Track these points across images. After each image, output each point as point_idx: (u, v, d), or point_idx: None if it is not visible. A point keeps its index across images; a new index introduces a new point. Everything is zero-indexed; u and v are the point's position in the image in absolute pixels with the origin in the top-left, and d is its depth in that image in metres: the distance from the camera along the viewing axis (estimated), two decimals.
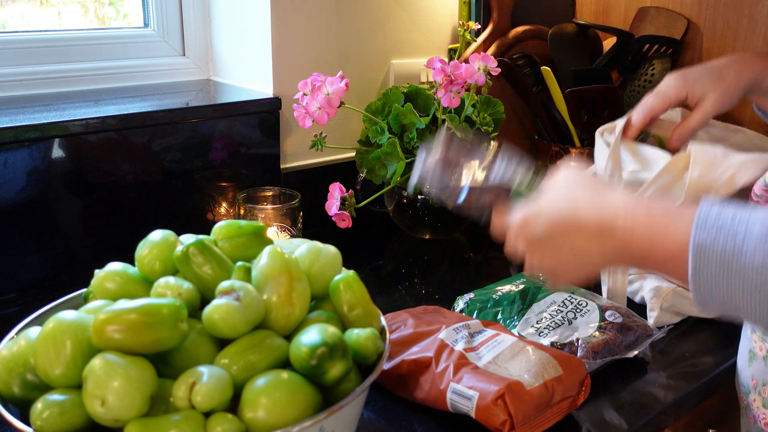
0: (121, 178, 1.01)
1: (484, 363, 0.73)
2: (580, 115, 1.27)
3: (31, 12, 1.15)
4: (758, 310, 0.51)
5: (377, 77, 1.30)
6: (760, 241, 0.50)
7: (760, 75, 0.89)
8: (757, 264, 0.50)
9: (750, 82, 0.89)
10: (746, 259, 0.50)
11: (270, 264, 0.61)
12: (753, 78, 0.89)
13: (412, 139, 1.06)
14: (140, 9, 1.24)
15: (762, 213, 0.52)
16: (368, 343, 0.61)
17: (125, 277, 0.64)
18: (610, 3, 1.46)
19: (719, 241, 0.52)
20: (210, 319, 0.56)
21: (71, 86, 1.15)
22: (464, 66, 1.05)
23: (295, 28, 1.17)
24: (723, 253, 0.51)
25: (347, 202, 1.07)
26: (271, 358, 0.57)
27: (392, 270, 1.11)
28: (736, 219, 0.52)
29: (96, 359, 0.51)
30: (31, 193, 0.94)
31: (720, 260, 0.51)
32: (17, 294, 0.96)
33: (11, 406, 0.56)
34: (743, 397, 0.85)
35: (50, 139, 0.94)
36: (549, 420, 0.71)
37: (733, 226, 0.52)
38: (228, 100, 1.11)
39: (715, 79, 0.90)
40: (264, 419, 0.53)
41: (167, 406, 0.54)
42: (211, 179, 1.11)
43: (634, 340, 0.83)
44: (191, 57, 1.28)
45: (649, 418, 0.75)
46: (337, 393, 0.59)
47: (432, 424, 0.72)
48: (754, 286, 0.50)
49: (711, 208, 0.54)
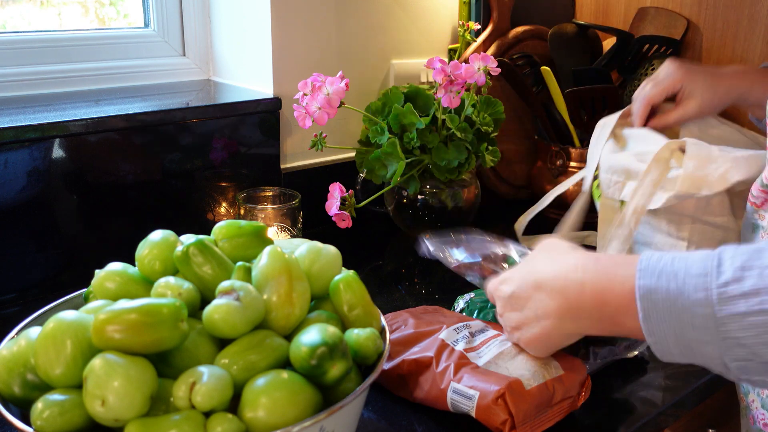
0: (122, 178, 1.01)
1: (484, 363, 0.73)
2: (580, 115, 1.27)
3: (31, 12, 1.15)
4: (710, 348, 0.52)
5: (377, 77, 1.30)
6: (700, 277, 0.51)
7: (749, 89, 0.91)
8: (700, 299, 0.51)
9: (738, 96, 0.92)
10: (689, 295, 0.51)
11: (270, 264, 0.61)
12: (742, 92, 0.92)
13: (412, 139, 1.07)
14: (140, 9, 1.24)
15: (699, 253, 0.53)
16: (368, 343, 0.61)
17: (125, 277, 0.64)
18: (610, 3, 1.46)
19: (662, 283, 0.53)
20: (210, 319, 0.57)
21: (71, 86, 1.15)
22: (464, 66, 1.05)
23: (296, 28, 1.17)
24: (667, 293, 0.53)
25: (347, 202, 1.07)
26: (271, 358, 0.57)
27: (392, 270, 1.11)
28: (676, 260, 0.54)
29: (96, 359, 0.52)
30: (32, 193, 0.94)
31: (665, 300, 0.53)
32: (17, 294, 0.96)
33: (11, 405, 0.56)
34: (743, 397, 0.85)
35: (50, 139, 0.94)
36: (549, 420, 0.71)
37: (673, 267, 0.53)
38: (228, 100, 1.11)
39: (708, 85, 0.92)
40: (264, 419, 0.53)
41: (167, 406, 0.54)
42: (212, 179, 1.11)
43: (634, 339, 0.83)
44: (191, 57, 1.28)
45: (649, 418, 0.75)
46: (337, 393, 0.59)
47: (432, 424, 0.72)
48: (701, 322, 0.51)
49: (652, 255, 0.56)
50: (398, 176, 1.05)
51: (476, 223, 1.30)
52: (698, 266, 0.52)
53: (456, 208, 1.16)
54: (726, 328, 0.50)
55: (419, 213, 1.16)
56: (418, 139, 1.07)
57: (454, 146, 1.09)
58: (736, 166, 0.84)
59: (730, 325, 0.49)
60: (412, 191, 1.12)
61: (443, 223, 1.17)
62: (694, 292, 0.51)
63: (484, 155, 1.13)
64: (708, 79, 0.92)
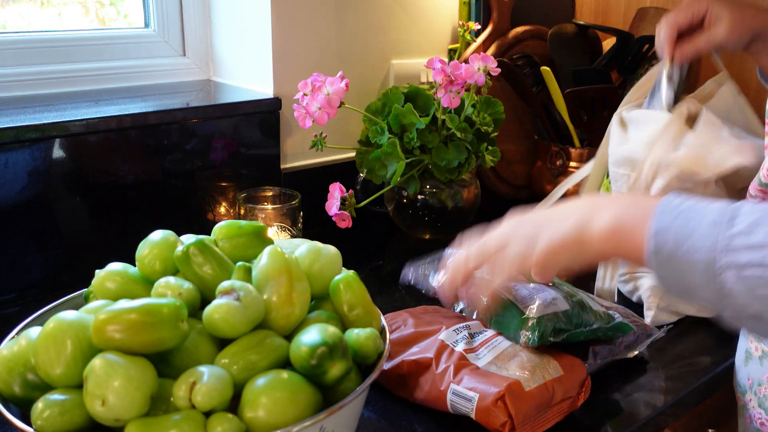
0: (122, 178, 1.02)
1: (484, 363, 0.73)
2: (579, 115, 1.27)
3: (31, 12, 1.15)
4: (707, 294, 0.52)
5: (377, 77, 1.30)
6: (712, 225, 0.51)
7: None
8: (706, 246, 0.51)
9: (762, 26, 0.88)
10: (696, 241, 0.52)
11: (270, 264, 0.61)
12: (765, 23, 0.88)
13: (412, 139, 1.07)
14: (141, 9, 1.24)
15: (720, 203, 0.53)
16: (368, 343, 0.61)
17: (126, 277, 0.64)
18: (610, 3, 1.46)
19: (676, 223, 0.53)
20: (210, 318, 0.57)
21: (72, 86, 1.15)
22: (464, 66, 1.05)
23: (296, 28, 1.17)
24: (678, 234, 0.53)
25: (347, 202, 1.07)
26: (271, 357, 0.57)
27: (392, 270, 1.11)
28: (697, 206, 0.54)
29: (96, 359, 0.52)
30: (32, 193, 0.94)
31: (674, 241, 0.53)
32: (17, 294, 0.96)
33: (12, 405, 0.56)
34: (740, 396, 0.85)
35: (51, 140, 0.94)
36: (549, 420, 0.71)
37: (692, 211, 0.53)
38: (228, 101, 1.11)
39: (735, 8, 0.88)
40: (264, 419, 0.53)
41: (167, 406, 0.54)
42: (212, 179, 1.11)
43: (633, 339, 0.83)
44: (191, 57, 1.28)
45: (649, 418, 0.75)
46: (337, 393, 0.59)
47: (432, 424, 0.72)
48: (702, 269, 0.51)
49: (677, 197, 0.56)
50: (398, 176, 1.05)
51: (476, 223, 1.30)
52: (714, 215, 0.52)
53: (456, 208, 1.16)
54: (722, 279, 0.50)
55: (419, 213, 1.16)
56: (418, 139, 1.07)
57: (454, 146, 1.09)
58: (737, 151, 0.83)
59: (726, 275, 0.50)
60: (412, 191, 1.12)
61: (443, 223, 1.17)
62: (702, 238, 0.51)
63: (484, 155, 1.13)
64: (733, 2, 0.89)
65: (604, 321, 0.80)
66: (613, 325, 0.80)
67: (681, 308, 0.94)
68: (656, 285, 0.93)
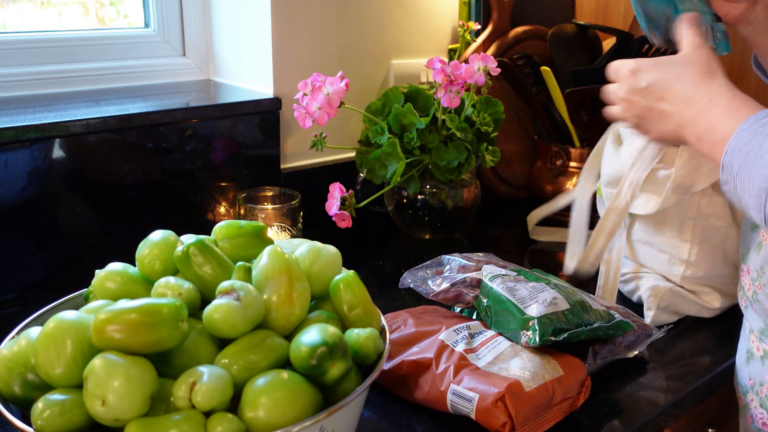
0: (122, 178, 1.02)
1: (484, 364, 0.73)
2: (579, 115, 1.27)
3: (31, 12, 1.15)
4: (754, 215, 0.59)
5: (377, 77, 1.30)
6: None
7: None
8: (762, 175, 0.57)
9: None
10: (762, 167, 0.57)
11: (270, 264, 0.61)
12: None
13: (412, 139, 1.07)
14: (141, 9, 1.24)
15: None
16: (368, 343, 0.61)
17: (126, 277, 0.64)
18: (610, 3, 1.46)
19: (754, 140, 0.59)
20: (210, 318, 0.57)
21: (72, 86, 1.15)
22: (464, 66, 1.05)
23: (296, 28, 1.17)
24: (749, 151, 0.59)
25: (347, 202, 1.07)
26: (271, 357, 0.57)
27: (392, 270, 1.11)
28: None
29: (96, 359, 0.52)
30: (32, 193, 0.94)
31: (746, 155, 0.59)
32: (17, 294, 0.96)
33: (12, 405, 0.56)
34: (741, 396, 0.85)
35: (51, 140, 0.94)
36: (549, 421, 0.71)
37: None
38: (228, 101, 1.11)
39: None
40: (264, 419, 0.53)
41: (167, 406, 0.54)
42: (212, 179, 1.11)
43: (633, 339, 0.83)
44: (191, 57, 1.28)
45: (649, 418, 0.75)
46: (337, 393, 0.59)
47: (432, 424, 0.72)
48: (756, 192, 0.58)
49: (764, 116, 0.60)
50: (398, 176, 1.05)
51: (476, 223, 1.31)
52: None
53: (456, 208, 1.16)
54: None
55: (419, 213, 1.16)
56: (418, 139, 1.07)
57: (454, 146, 1.09)
58: None
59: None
60: (412, 191, 1.12)
61: (443, 223, 1.18)
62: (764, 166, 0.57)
63: (484, 155, 1.13)
64: None
65: (604, 320, 0.80)
66: (614, 323, 0.80)
67: (681, 308, 0.94)
68: (656, 285, 0.93)
